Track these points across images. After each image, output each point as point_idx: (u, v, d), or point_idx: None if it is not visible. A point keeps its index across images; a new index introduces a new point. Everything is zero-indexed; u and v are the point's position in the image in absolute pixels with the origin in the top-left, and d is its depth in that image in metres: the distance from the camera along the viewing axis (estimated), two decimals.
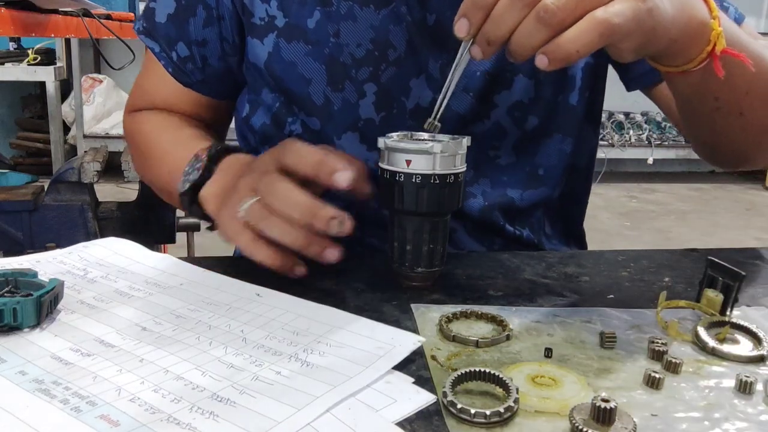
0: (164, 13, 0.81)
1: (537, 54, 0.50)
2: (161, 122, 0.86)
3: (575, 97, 0.80)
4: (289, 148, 0.61)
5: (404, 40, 0.74)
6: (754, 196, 4.83)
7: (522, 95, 0.77)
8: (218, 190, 0.68)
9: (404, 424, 0.41)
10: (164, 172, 0.80)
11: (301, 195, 0.57)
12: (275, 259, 0.59)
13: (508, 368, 0.48)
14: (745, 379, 0.46)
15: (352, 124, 0.77)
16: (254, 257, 0.59)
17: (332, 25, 0.74)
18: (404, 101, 0.76)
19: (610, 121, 4.94)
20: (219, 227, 0.64)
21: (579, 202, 0.91)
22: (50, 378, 0.44)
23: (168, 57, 0.82)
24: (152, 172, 0.85)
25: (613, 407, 0.40)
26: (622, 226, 3.96)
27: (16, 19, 1.49)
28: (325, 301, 0.58)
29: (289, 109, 0.79)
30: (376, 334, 0.52)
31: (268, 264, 0.59)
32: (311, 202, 0.57)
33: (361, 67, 0.75)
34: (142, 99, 0.89)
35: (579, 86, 0.80)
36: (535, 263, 0.70)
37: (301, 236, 0.57)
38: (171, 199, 0.81)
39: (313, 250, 0.58)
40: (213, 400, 0.43)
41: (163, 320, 0.54)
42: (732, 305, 0.56)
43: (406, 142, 0.59)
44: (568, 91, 0.80)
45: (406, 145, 0.59)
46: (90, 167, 1.57)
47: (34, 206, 1.56)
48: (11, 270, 0.56)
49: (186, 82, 0.84)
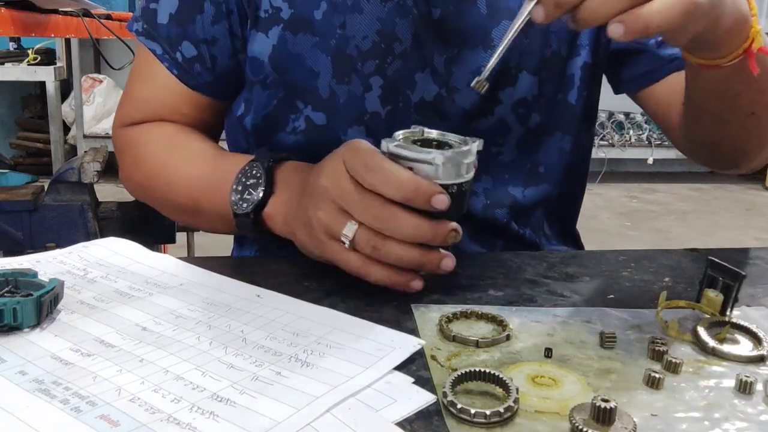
0: (166, 12, 0.78)
1: (612, 22, 0.48)
2: (167, 139, 0.81)
3: (574, 96, 0.81)
4: (368, 164, 0.56)
5: (410, 34, 0.74)
6: (754, 196, 4.83)
7: (526, 92, 0.78)
8: (284, 207, 0.66)
9: (404, 424, 0.41)
10: (183, 193, 0.77)
11: (412, 218, 0.55)
12: (392, 277, 0.58)
13: (508, 368, 0.48)
14: (745, 379, 0.46)
15: (358, 117, 0.77)
16: (368, 278, 0.58)
17: (339, 16, 0.74)
18: (409, 95, 0.76)
19: (610, 121, 4.94)
20: (307, 247, 0.62)
21: (574, 202, 0.92)
22: (50, 378, 0.44)
23: (172, 59, 0.79)
24: (165, 194, 0.80)
25: (613, 407, 0.40)
26: (622, 226, 3.96)
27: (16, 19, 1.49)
28: (325, 301, 0.58)
29: (290, 105, 0.78)
30: (376, 336, 0.52)
31: (385, 283, 0.58)
32: (427, 223, 0.55)
33: (367, 60, 0.75)
34: (139, 110, 0.84)
35: (578, 85, 0.81)
36: (535, 263, 0.70)
37: (418, 254, 0.57)
38: (194, 218, 0.79)
39: (431, 265, 0.58)
40: (213, 400, 0.43)
41: (163, 320, 0.54)
42: (732, 305, 0.56)
43: (409, 150, 0.56)
44: (568, 89, 0.81)
45: (408, 153, 0.56)
46: (90, 167, 1.57)
47: (34, 206, 1.56)
48: (11, 270, 0.56)
49: (193, 85, 0.80)
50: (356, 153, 0.57)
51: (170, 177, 0.79)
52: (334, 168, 0.59)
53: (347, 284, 0.62)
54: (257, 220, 0.68)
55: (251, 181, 0.68)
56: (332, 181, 0.58)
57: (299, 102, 0.77)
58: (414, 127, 0.61)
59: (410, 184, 0.54)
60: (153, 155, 0.81)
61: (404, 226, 0.55)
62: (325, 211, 0.58)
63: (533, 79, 0.77)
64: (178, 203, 0.79)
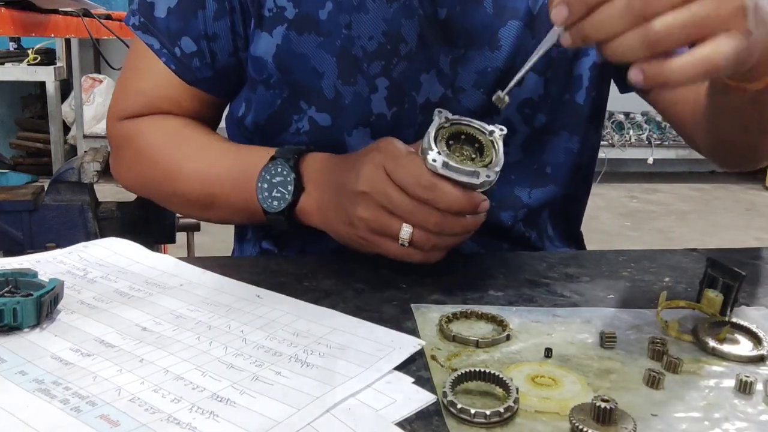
0: (164, 6, 0.77)
1: (633, 68, 0.49)
2: (172, 132, 0.80)
3: (582, 96, 0.81)
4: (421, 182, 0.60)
5: (415, 34, 0.74)
6: (754, 196, 4.82)
7: (532, 92, 0.77)
8: (317, 204, 0.69)
9: (404, 424, 0.41)
10: (196, 187, 0.77)
11: (462, 219, 0.61)
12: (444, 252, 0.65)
13: (508, 368, 0.48)
14: (745, 379, 0.46)
15: (364, 119, 0.76)
16: (429, 262, 0.64)
17: (344, 16, 0.73)
18: (415, 96, 0.76)
19: (610, 121, 4.94)
20: (348, 242, 0.67)
21: (579, 202, 0.91)
22: (50, 378, 0.44)
23: (170, 53, 0.78)
24: (174, 188, 0.80)
25: (613, 407, 0.40)
26: (622, 227, 3.96)
27: (16, 19, 1.49)
28: (325, 301, 0.58)
29: (294, 105, 0.77)
30: (377, 336, 0.52)
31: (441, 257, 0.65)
32: (471, 219, 0.62)
33: (373, 61, 0.74)
34: (137, 102, 0.82)
35: (586, 86, 0.80)
36: (535, 263, 0.70)
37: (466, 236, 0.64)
38: (205, 212, 0.79)
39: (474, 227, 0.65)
40: (213, 400, 0.43)
41: (163, 320, 0.54)
42: (732, 305, 0.56)
43: (459, 173, 0.59)
44: (575, 90, 0.80)
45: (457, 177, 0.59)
46: (90, 167, 1.57)
47: (34, 206, 1.56)
48: (11, 270, 0.56)
49: (190, 80, 0.79)
50: (398, 163, 0.61)
51: (179, 171, 0.78)
52: (374, 174, 0.62)
53: (347, 284, 0.62)
54: (290, 216, 0.70)
55: (278, 178, 0.70)
56: (374, 187, 0.62)
57: (303, 102, 0.77)
58: (438, 113, 0.62)
59: (463, 201, 0.60)
60: (158, 148, 0.80)
61: (457, 226, 0.62)
62: (369, 213, 0.62)
63: (539, 80, 0.77)
64: (189, 197, 0.79)
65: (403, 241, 0.61)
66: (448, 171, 0.59)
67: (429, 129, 0.61)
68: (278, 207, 0.70)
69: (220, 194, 0.76)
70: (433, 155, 0.59)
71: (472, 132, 0.62)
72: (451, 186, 0.59)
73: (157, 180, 0.81)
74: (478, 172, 0.59)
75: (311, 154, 0.72)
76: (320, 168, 0.70)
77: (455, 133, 0.62)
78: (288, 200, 0.69)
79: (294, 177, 0.69)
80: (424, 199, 0.60)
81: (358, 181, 0.63)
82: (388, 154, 0.62)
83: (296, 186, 0.69)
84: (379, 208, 0.62)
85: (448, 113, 0.62)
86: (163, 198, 0.84)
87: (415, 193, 0.60)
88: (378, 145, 0.64)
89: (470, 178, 0.59)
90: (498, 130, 0.62)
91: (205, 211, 0.80)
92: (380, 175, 0.62)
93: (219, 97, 0.83)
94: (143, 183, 0.84)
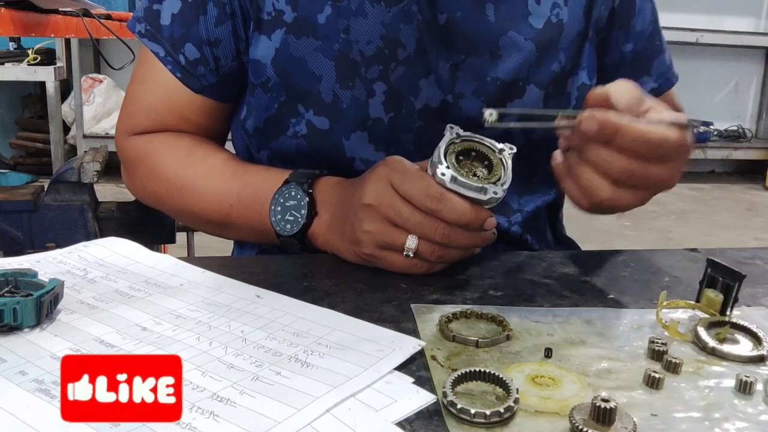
0: (168, 13, 0.77)
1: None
2: (186, 150, 0.81)
3: None
4: (430, 193, 0.61)
5: (414, 39, 0.74)
6: (754, 196, 4.82)
7: (532, 105, 0.78)
8: (324, 228, 0.70)
9: (404, 424, 0.41)
10: (212, 207, 0.77)
11: (468, 233, 0.63)
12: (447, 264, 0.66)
13: (508, 368, 0.48)
14: (745, 379, 0.46)
15: (361, 123, 0.76)
16: (433, 270, 0.65)
17: (343, 20, 0.73)
18: (413, 101, 0.76)
19: None
20: (354, 260, 0.67)
21: (561, 208, 0.92)
22: (50, 378, 0.44)
23: (175, 61, 0.78)
24: (189, 206, 0.80)
25: (613, 407, 0.40)
26: (622, 226, 3.96)
27: (16, 19, 1.49)
28: (325, 301, 0.58)
29: (292, 109, 0.77)
30: (377, 336, 0.52)
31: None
32: (479, 235, 0.64)
33: (371, 66, 0.74)
34: (146, 117, 0.82)
35: (573, 105, 0.81)
36: (535, 263, 0.70)
37: (473, 249, 0.67)
38: (221, 230, 0.80)
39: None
40: (213, 400, 0.43)
41: (163, 320, 0.54)
42: (732, 305, 0.56)
43: (466, 189, 0.60)
44: (566, 106, 0.81)
45: (465, 192, 0.60)
46: (90, 167, 1.57)
47: (34, 206, 1.55)
48: (11, 270, 0.56)
49: (197, 87, 0.79)
50: (405, 176, 0.62)
51: (195, 190, 0.79)
52: (380, 189, 0.63)
53: (347, 284, 0.62)
54: (303, 239, 0.71)
55: (291, 202, 0.71)
56: (380, 200, 0.63)
57: (300, 106, 0.77)
58: (449, 129, 0.63)
59: (470, 214, 0.61)
60: (173, 167, 0.80)
61: (463, 239, 0.63)
62: (375, 227, 0.63)
63: (540, 93, 0.78)
64: (204, 216, 0.79)
65: (408, 251, 0.62)
66: (457, 186, 0.60)
67: (439, 144, 0.62)
68: (291, 230, 0.71)
69: (234, 216, 0.76)
70: (442, 169, 0.60)
71: (481, 149, 0.63)
72: (459, 199, 0.60)
73: (173, 198, 0.81)
74: (486, 188, 0.60)
75: (324, 178, 0.73)
76: (331, 191, 0.71)
77: (465, 149, 0.63)
78: (301, 223, 0.70)
79: (307, 201, 0.70)
80: (431, 210, 0.61)
81: (363, 195, 0.64)
82: (394, 168, 0.63)
83: (309, 210, 0.70)
84: (385, 221, 0.63)
85: (459, 129, 0.63)
86: (178, 215, 0.85)
87: (423, 204, 0.61)
88: (384, 161, 0.65)
89: (478, 194, 0.60)
90: (508, 148, 0.63)
91: (221, 230, 0.81)
92: (386, 188, 0.63)
93: (225, 103, 0.83)
94: (157, 200, 0.84)
